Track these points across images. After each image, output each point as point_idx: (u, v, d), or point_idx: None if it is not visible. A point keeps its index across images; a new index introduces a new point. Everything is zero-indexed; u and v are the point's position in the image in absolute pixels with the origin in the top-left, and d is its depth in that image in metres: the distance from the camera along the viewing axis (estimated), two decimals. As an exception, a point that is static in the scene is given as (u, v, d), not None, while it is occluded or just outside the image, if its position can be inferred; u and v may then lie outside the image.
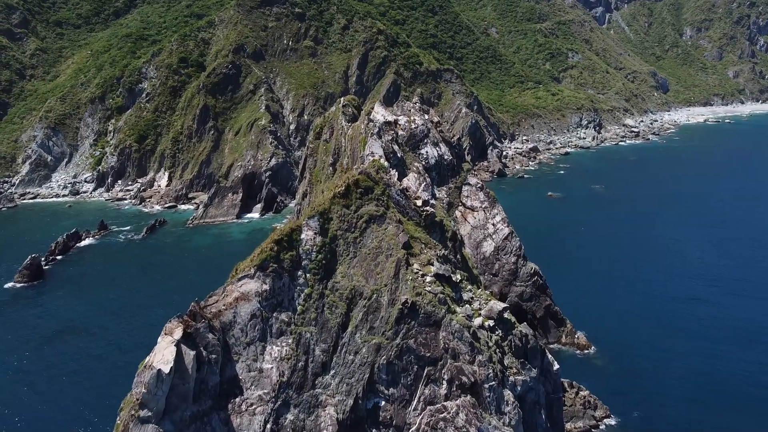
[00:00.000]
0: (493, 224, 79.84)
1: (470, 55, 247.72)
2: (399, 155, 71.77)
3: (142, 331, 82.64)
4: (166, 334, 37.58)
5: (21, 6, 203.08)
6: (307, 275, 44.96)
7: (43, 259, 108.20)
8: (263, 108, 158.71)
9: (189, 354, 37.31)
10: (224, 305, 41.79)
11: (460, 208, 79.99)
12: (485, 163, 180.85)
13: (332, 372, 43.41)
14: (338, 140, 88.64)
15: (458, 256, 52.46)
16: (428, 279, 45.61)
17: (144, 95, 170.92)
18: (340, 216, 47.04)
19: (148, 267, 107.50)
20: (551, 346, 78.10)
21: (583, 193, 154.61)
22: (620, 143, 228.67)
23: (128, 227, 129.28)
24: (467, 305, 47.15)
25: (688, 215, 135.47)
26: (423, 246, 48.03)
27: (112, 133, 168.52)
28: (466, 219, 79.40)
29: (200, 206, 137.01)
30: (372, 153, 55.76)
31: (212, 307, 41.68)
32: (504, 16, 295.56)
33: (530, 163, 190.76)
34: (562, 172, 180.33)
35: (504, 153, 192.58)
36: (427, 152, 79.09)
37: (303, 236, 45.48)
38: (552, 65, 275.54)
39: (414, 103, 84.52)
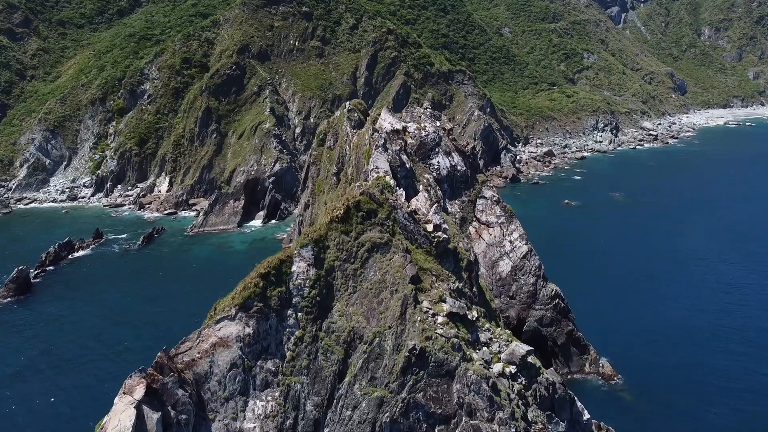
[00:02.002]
0: (510, 241, 73.09)
1: (483, 55, 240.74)
2: (408, 166, 65.28)
3: (131, 352, 77.40)
4: (124, 393, 31.33)
5: (23, 5, 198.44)
6: (299, 315, 38.59)
7: (32, 270, 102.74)
8: (268, 110, 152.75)
9: (152, 417, 31.09)
10: (199, 353, 35.51)
11: (474, 223, 73.31)
12: (498, 168, 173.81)
13: (326, 431, 37.02)
14: (342, 148, 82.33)
15: (474, 289, 45.87)
16: (440, 320, 39.07)
17: (146, 97, 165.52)
18: (337, 244, 40.63)
19: (142, 280, 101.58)
20: (574, 375, 71.43)
21: (602, 201, 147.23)
22: (638, 147, 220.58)
23: (125, 235, 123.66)
24: (485, 348, 40.58)
25: (716, 226, 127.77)
26: (434, 279, 41.49)
27: (112, 136, 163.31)
28: (480, 236, 72.69)
29: (200, 213, 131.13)
30: (376, 168, 49.25)
31: (184, 355, 35.39)
32: (517, 16, 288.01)
33: (545, 168, 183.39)
34: (578, 177, 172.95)
35: (518, 157, 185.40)
36: (438, 162, 72.61)
37: (294, 269, 39.09)
38: (567, 66, 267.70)
39: (425, 109, 77.94)
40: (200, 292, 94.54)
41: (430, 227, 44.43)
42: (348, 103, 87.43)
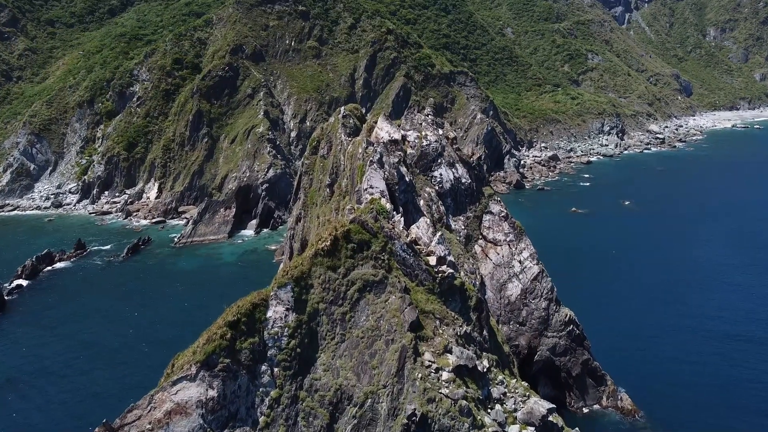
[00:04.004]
0: (520, 261, 66.54)
1: (485, 56, 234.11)
2: (407, 179, 58.87)
3: (111, 376, 71.39)
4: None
5: (10, 3, 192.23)
6: (275, 371, 32.11)
7: (6, 285, 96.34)
8: (262, 114, 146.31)
9: None
10: (150, 424, 29.04)
11: (480, 241, 66.79)
12: (502, 174, 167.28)
13: None
14: (337, 157, 75.75)
15: (484, 332, 39.29)
16: (445, 376, 32.56)
17: (135, 99, 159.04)
18: (323, 282, 34.12)
19: (123, 298, 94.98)
20: (592, 408, 64.89)
21: (610, 209, 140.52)
22: (645, 151, 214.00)
23: (109, 246, 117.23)
24: (498, 406, 34.09)
25: (733, 235, 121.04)
26: (437, 323, 34.98)
27: (100, 140, 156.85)
28: (487, 255, 66.17)
29: (189, 223, 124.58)
30: (371, 187, 42.71)
31: (131, 427, 28.92)
32: (520, 16, 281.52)
33: (550, 173, 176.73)
34: (584, 183, 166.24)
35: (522, 162, 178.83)
36: (441, 174, 66.21)
37: (270, 314, 32.58)
38: (571, 67, 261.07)
39: (426, 115, 71.45)
40: (185, 310, 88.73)
41: (432, 260, 37.87)
42: (343, 108, 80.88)
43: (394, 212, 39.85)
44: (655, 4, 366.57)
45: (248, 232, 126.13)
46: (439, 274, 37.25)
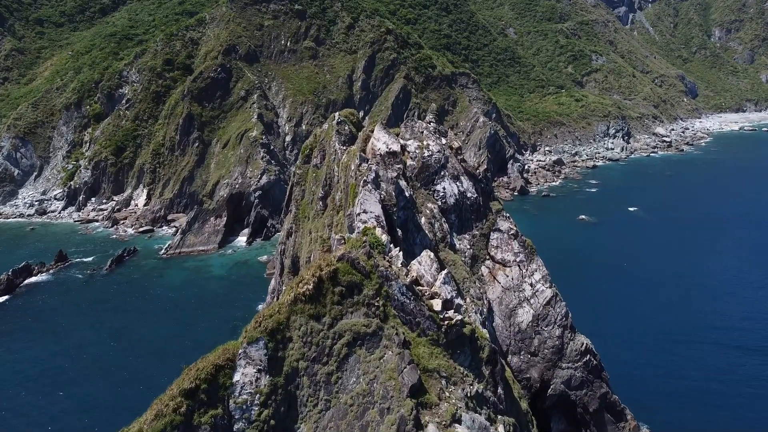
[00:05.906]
0: (531, 284, 60.38)
1: (487, 57, 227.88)
2: (407, 194, 52.75)
3: (92, 394, 66.92)
4: None
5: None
6: (243, 449, 25.99)
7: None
8: (255, 117, 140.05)
9: None
10: None
11: (487, 262, 60.62)
12: (505, 179, 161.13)
13: None
14: (330, 167, 69.61)
15: (499, 390, 33.06)
16: (453, 455, 26.42)
17: (124, 101, 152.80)
18: (304, 335, 27.99)
19: (104, 314, 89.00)
20: (608, 448, 58.68)
21: (619, 217, 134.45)
22: (652, 154, 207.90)
23: (92, 257, 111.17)
24: (517, 485, 28.01)
25: (747, 245, 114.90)
26: (443, 384, 28.84)
27: (87, 144, 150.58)
28: (495, 278, 60.01)
29: (177, 232, 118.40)
30: (364, 212, 36.52)
31: None
32: (522, 16, 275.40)
33: (555, 178, 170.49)
34: (591, 189, 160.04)
35: (525, 166, 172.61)
36: (444, 189, 60.05)
37: (237, 377, 26.45)
38: (575, 68, 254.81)
39: (428, 123, 65.27)
40: (169, 328, 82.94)
41: (437, 304, 31.68)
42: (337, 113, 74.81)
43: (392, 245, 33.66)
44: (659, 4, 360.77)
45: (240, 241, 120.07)
46: (446, 322, 31.08)
